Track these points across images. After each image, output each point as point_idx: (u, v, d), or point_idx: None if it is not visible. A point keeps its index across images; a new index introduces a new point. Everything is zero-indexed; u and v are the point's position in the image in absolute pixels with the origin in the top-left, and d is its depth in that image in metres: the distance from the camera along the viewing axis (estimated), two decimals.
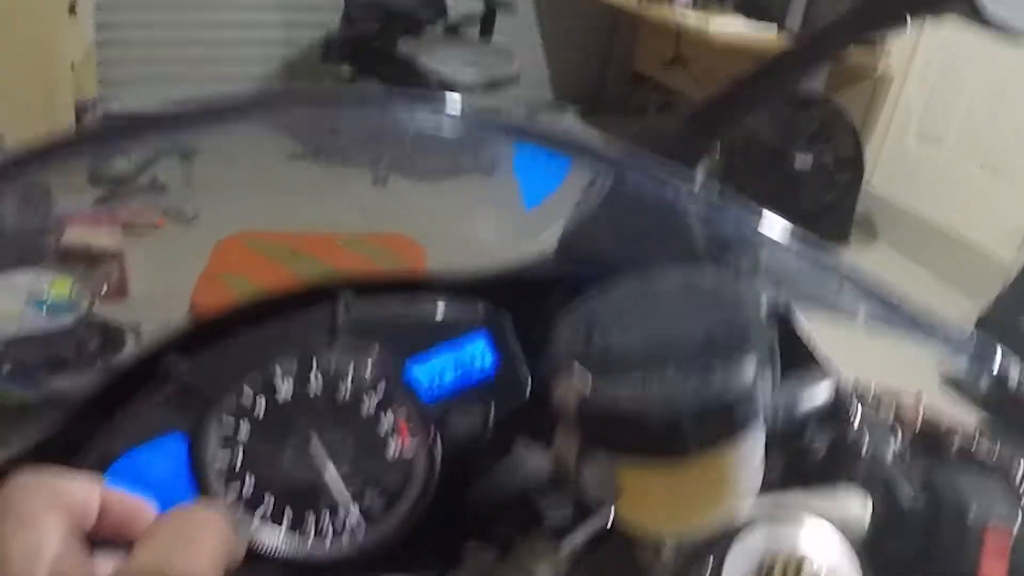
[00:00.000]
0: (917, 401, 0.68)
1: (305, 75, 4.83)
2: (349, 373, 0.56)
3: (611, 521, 0.61)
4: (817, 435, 0.57)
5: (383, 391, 0.56)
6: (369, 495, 0.56)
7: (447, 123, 0.36)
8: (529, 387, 0.61)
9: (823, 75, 4.16)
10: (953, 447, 0.65)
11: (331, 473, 0.55)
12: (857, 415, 0.56)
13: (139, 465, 0.54)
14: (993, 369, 0.38)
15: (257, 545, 0.53)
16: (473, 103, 0.37)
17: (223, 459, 0.54)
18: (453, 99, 0.37)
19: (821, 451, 0.56)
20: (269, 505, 0.54)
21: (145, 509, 0.42)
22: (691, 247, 0.58)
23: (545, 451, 0.64)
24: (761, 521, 0.44)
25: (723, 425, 0.37)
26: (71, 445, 0.54)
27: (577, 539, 0.60)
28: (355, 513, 0.55)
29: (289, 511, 0.54)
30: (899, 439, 0.60)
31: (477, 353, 0.60)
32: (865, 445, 0.55)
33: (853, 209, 4.11)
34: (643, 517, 0.42)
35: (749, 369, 0.37)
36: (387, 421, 0.57)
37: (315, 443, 0.55)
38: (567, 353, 0.40)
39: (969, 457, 0.65)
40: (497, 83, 4.33)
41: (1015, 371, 0.47)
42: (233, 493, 0.54)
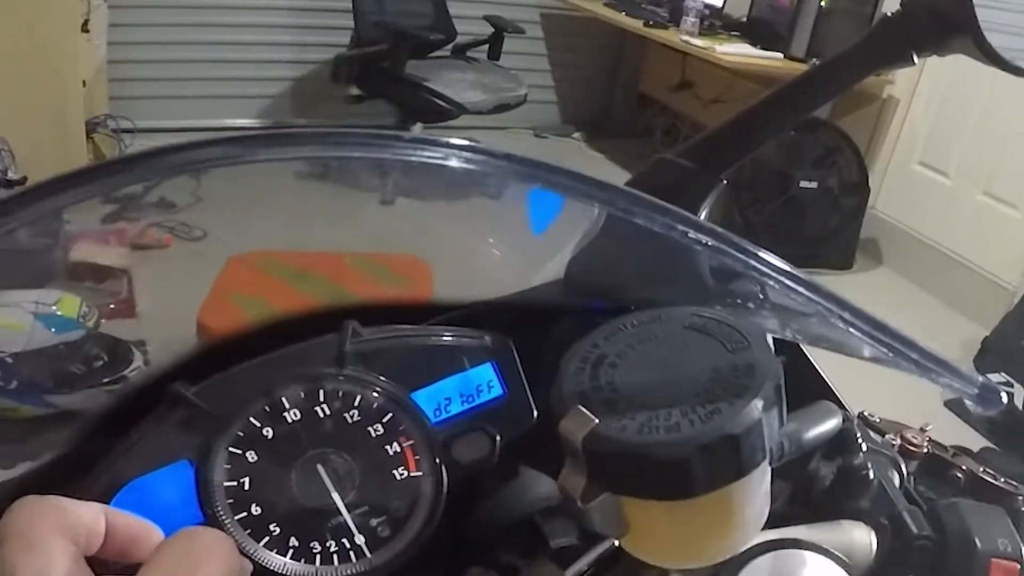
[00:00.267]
0: (922, 432, 0.68)
1: (314, 95, 4.86)
2: (356, 401, 0.56)
3: (616, 547, 0.61)
4: (823, 466, 0.57)
5: (390, 419, 0.57)
6: (375, 521, 0.56)
7: (455, 167, 0.37)
8: (535, 415, 0.62)
9: None
10: (959, 477, 0.66)
11: (337, 499, 0.55)
12: (863, 446, 0.56)
13: (146, 491, 0.54)
14: (997, 408, 0.39)
15: (263, 570, 0.53)
16: (486, 147, 0.37)
17: (230, 487, 0.54)
18: (461, 143, 0.37)
19: (827, 482, 0.56)
20: (275, 531, 0.54)
21: (151, 533, 0.42)
22: (698, 281, 0.58)
23: (551, 477, 0.65)
24: (767, 553, 0.44)
25: (730, 465, 0.37)
26: (78, 470, 0.55)
27: (582, 565, 0.60)
28: (361, 539, 0.55)
29: (295, 537, 0.54)
30: (905, 470, 0.60)
31: (484, 382, 0.61)
32: (871, 476, 0.56)
33: (858, 233, 4.12)
34: (649, 551, 0.42)
35: (756, 407, 0.37)
36: (393, 448, 0.57)
37: (322, 470, 0.55)
38: (573, 391, 0.41)
39: (975, 487, 0.65)
40: (504, 105, 4.35)
41: (1018, 398, 0.47)
42: (240, 519, 0.54)
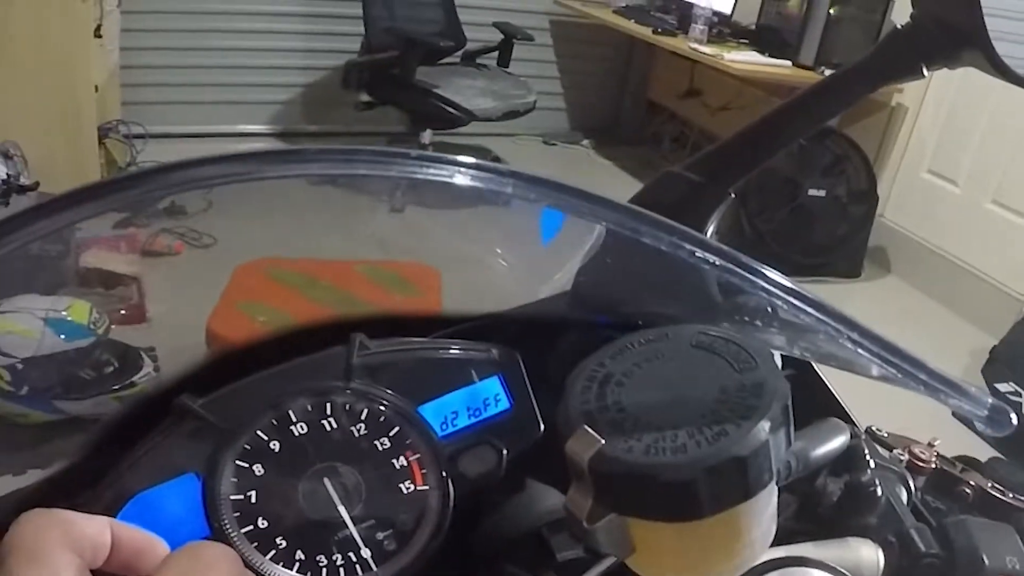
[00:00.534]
0: (930, 447, 0.68)
1: (325, 101, 4.87)
2: (363, 414, 0.56)
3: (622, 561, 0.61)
4: (830, 483, 0.57)
5: (396, 432, 0.57)
6: (382, 535, 0.56)
7: (461, 185, 0.37)
8: (542, 428, 0.62)
9: None
10: (967, 493, 0.65)
11: (344, 513, 0.55)
12: (871, 463, 0.56)
13: (152, 504, 0.54)
14: (1008, 430, 0.38)
15: None
16: (493, 165, 0.37)
17: (237, 500, 0.54)
18: (467, 160, 0.37)
19: (834, 499, 0.56)
20: (282, 544, 0.54)
21: (157, 546, 0.42)
22: (705, 296, 0.58)
23: (558, 491, 0.65)
24: (773, 571, 0.44)
25: (736, 486, 0.37)
26: (85, 482, 0.55)
27: None
28: (367, 552, 0.55)
29: (302, 550, 0.54)
30: (913, 486, 0.60)
31: (490, 395, 0.61)
32: (878, 493, 0.55)
33: (866, 241, 4.11)
34: (655, 571, 0.42)
35: (764, 428, 0.37)
36: (400, 462, 0.57)
37: (328, 483, 0.55)
38: (579, 410, 0.41)
39: (983, 503, 0.65)
40: (514, 112, 4.36)
41: None
42: (246, 532, 0.54)
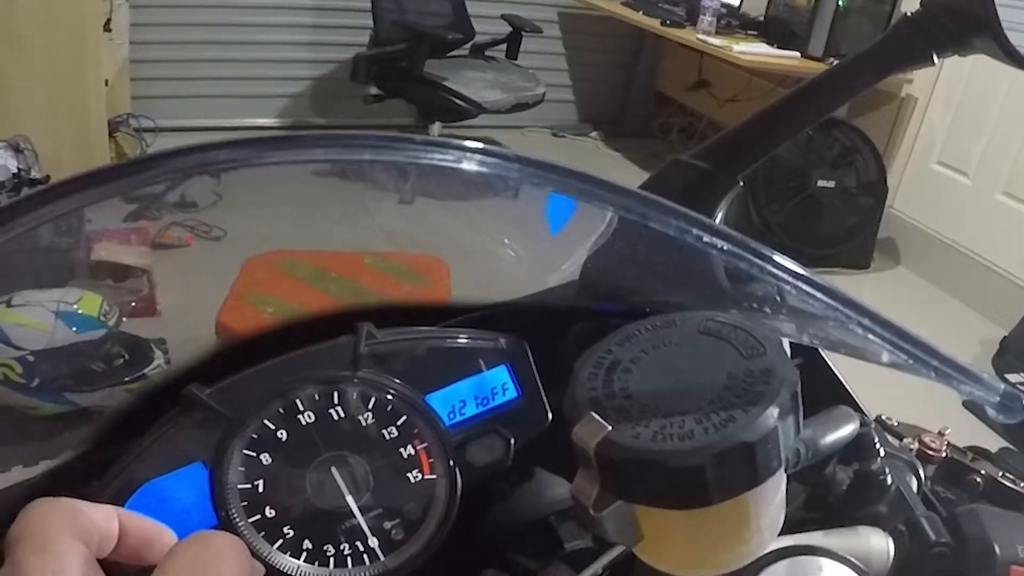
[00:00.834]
0: (941, 436, 0.68)
1: (333, 94, 4.87)
2: (370, 403, 0.56)
3: (630, 551, 0.61)
4: (840, 471, 0.57)
5: (404, 421, 0.57)
6: (389, 524, 0.56)
7: (467, 170, 0.37)
8: (550, 417, 0.61)
9: None
10: (978, 482, 0.65)
11: (351, 502, 0.55)
12: (880, 451, 0.56)
13: (160, 494, 0.54)
14: (1020, 416, 0.38)
15: (277, 572, 0.53)
16: (498, 149, 0.37)
17: (244, 489, 0.54)
18: (480, 146, 0.37)
19: (844, 487, 0.56)
20: (289, 534, 0.54)
21: (164, 535, 0.42)
22: (713, 284, 0.58)
23: (566, 480, 0.64)
24: (782, 560, 0.43)
25: (745, 473, 0.37)
26: (93, 472, 0.55)
27: (596, 568, 0.60)
28: (375, 542, 0.55)
29: (309, 539, 0.54)
30: (923, 475, 0.60)
31: (498, 384, 0.60)
32: (888, 481, 0.55)
33: (876, 232, 4.09)
34: (663, 560, 0.42)
35: (772, 414, 0.36)
36: (408, 451, 0.57)
37: (336, 472, 0.55)
38: (586, 397, 0.40)
39: (994, 492, 0.64)
40: (522, 104, 4.35)
41: None
42: (254, 521, 0.54)
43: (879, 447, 0.55)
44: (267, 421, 0.55)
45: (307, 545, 0.54)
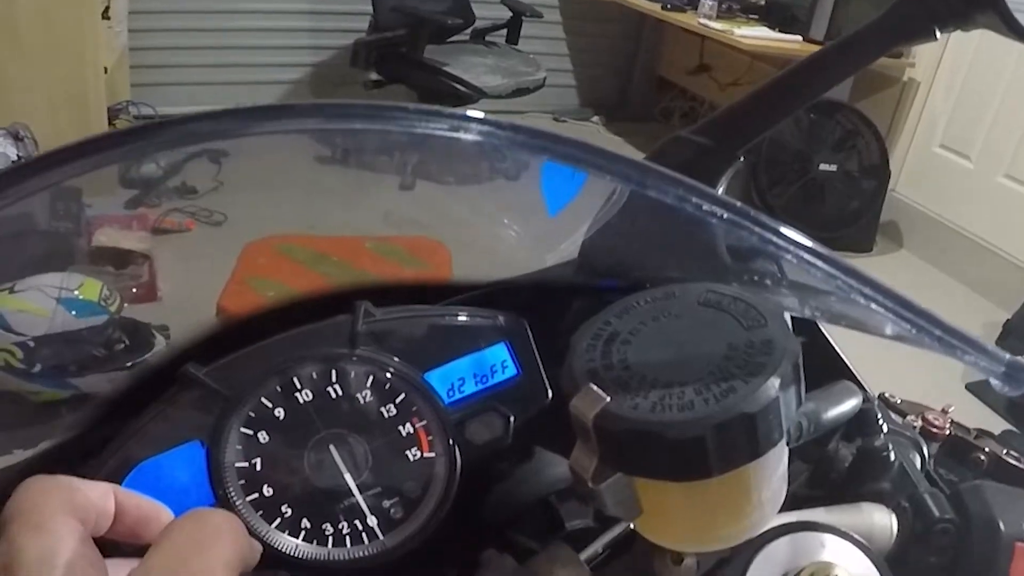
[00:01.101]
0: (944, 413, 0.67)
1: (333, 80, 4.86)
2: (369, 381, 0.56)
3: (631, 530, 0.61)
4: (842, 448, 0.56)
5: (403, 399, 0.56)
6: (388, 502, 0.56)
7: (468, 140, 0.36)
8: (550, 396, 0.61)
9: (849, 81, 4.14)
10: (982, 460, 0.64)
11: (350, 481, 0.55)
12: (883, 427, 0.55)
13: (156, 472, 0.54)
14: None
15: (275, 551, 0.53)
16: (493, 118, 0.36)
17: (241, 468, 0.54)
18: (474, 114, 0.36)
19: (846, 464, 0.55)
20: (287, 512, 0.54)
21: (161, 513, 0.42)
22: (714, 258, 0.57)
23: (565, 459, 0.64)
24: (783, 536, 0.43)
25: (745, 444, 0.36)
26: (90, 451, 0.54)
27: (597, 547, 0.60)
28: (374, 520, 0.55)
29: (307, 518, 0.54)
30: (926, 452, 0.59)
31: (497, 362, 0.60)
32: (892, 458, 0.55)
33: (878, 216, 4.08)
34: (663, 534, 0.42)
35: (773, 385, 0.36)
36: (407, 429, 0.56)
37: (334, 451, 0.55)
38: (584, 369, 0.40)
39: (998, 470, 0.64)
40: (523, 89, 4.33)
41: None
42: (251, 500, 0.53)
43: (882, 423, 0.55)
44: (264, 399, 0.55)
45: (305, 524, 0.54)
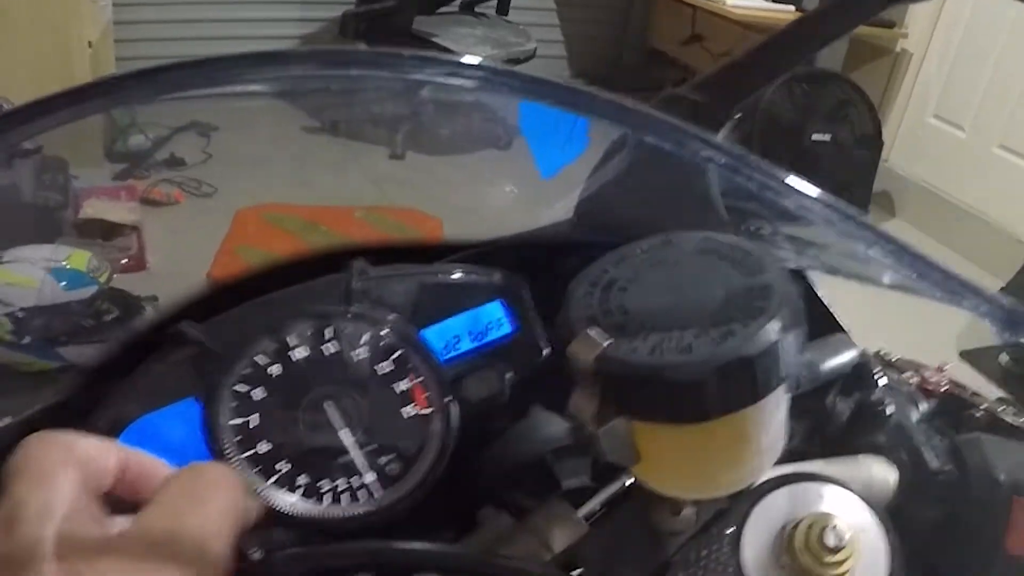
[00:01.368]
0: (940, 371, 0.67)
1: None
2: (364, 339, 0.55)
3: (628, 486, 0.60)
4: (839, 402, 0.56)
5: (398, 356, 0.56)
6: (385, 459, 0.55)
7: (464, 85, 0.35)
8: (546, 352, 0.61)
9: (842, 52, 4.13)
10: (978, 417, 0.64)
11: (346, 437, 0.55)
12: (880, 381, 0.55)
13: (153, 429, 0.53)
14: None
15: (271, 506, 0.53)
16: (489, 63, 0.36)
17: (237, 425, 0.53)
18: (468, 59, 0.36)
19: (844, 418, 0.55)
20: (283, 469, 0.54)
21: (161, 469, 0.41)
22: (711, 212, 0.57)
23: (561, 417, 0.64)
24: (782, 487, 0.43)
25: (744, 388, 0.36)
26: (84, 409, 0.54)
27: (594, 504, 0.60)
28: (371, 477, 0.55)
29: (304, 474, 0.54)
30: (923, 406, 0.59)
31: (493, 319, 0.60)
32: (889, 412, 0.55)
33: (871, 186, 4.08)
34: (662, 480, 0.41)
35: (773, 328, 0.35)
36: (402, 386, 0.56)
37: (330, 407, 0.55)
38: (582, 315, 0.39)
39: (994, 428, 0.64)
40: (513, 60, 4.30)
41: None
42: (247, 457, 0.53)
43: (879, 376, 0.55)
44: (259, 356, 0.54)
45: (302, 481, 0.54)
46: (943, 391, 0.66)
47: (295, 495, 0.54)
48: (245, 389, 0.54)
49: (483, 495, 0.61)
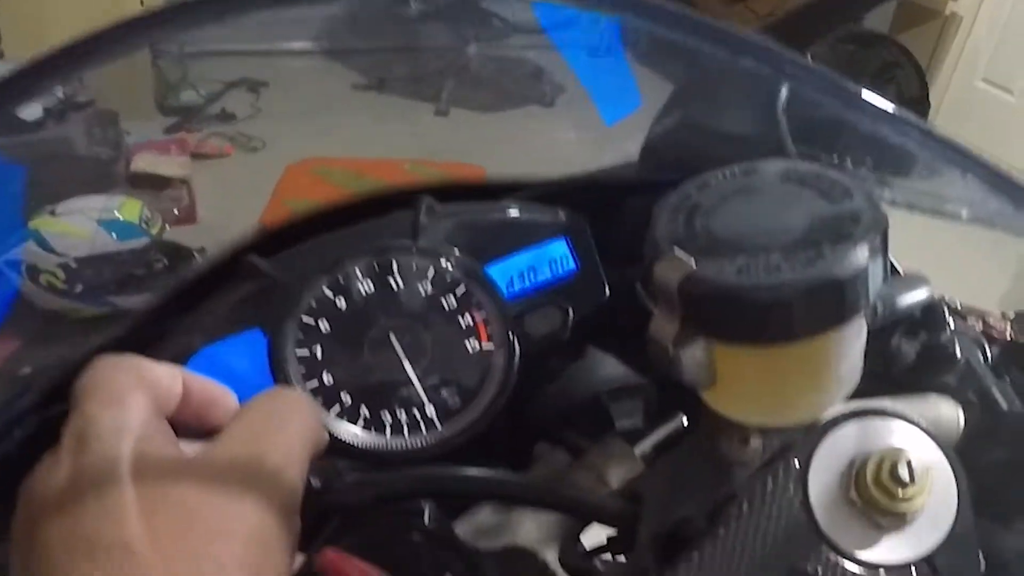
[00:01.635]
0: (1005, 318, 0.66)
1: (374, 14, 4.77)
2: (429, 273, 0.56)
3: (684, 426, 0.60)
4: (905, 343, 0.55)
5: (463, 291, 0.56)
6: (446, 392, 0.56)
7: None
8: (607, 293, 0.60)
9: (889, 13, 4.03)
10: None
11: (409, 370, 0.55)
12: (950, 323, 0.54)
13: (218, 359, 0.54)
14: None
15: (334, 438, 0.53)
16: None
17: (302, 356, 0.54)
18: None
19: (909, 360, 0.55)
20: (346, 400, 0.54)
21: (227, 397, 0.41)
22: (780, 150, 0.56)
23: (618, 360, 0.64)
24: (851, 420, 0.42)
25: (831, 310, 0.35)
26: (151, 339, 0.55)
27: (649, 444, 0.60)
28: (431, 410, 0.55)
29: (366, 406, 0.54)
30: (990, 350, 0.58)
31: (557, 257, 0.59)
32: (958, 353, 0.54)
33: None
34: (736, 404, 0.41)
35: (863, 252, 0.35)
36: (466, 321, 0.56)
37: (394, 341, 0.55)
38: (667, 235, 0.39)
39: None
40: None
41: None
42: (311, 388, 0.54)
43: (949, 318, 0.54)
44: (325, 289, 0.55)
45: (364, 412, 0.54)
46: (1008, 339, 0.65)
47: (357, 426, 0.54)
48: (311, 321, 0.54)
49: (539, 432, 0.62)
